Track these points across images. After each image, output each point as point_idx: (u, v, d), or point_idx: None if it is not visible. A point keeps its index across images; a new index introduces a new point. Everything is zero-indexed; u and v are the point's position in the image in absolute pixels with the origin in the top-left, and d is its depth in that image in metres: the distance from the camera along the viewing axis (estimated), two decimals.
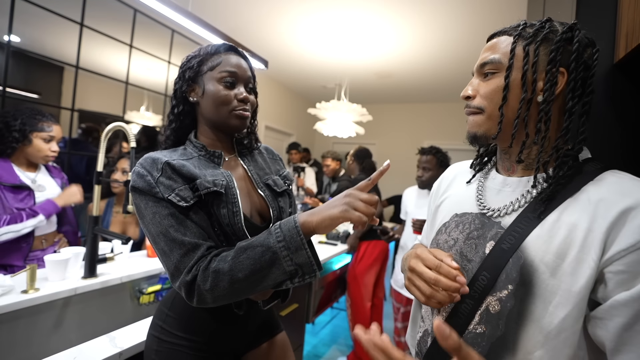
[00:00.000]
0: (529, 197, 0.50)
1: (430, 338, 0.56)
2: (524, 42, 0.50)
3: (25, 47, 1.98)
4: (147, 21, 2.71)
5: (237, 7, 2.69)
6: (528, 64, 0.49)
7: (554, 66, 0.48)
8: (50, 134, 1.40)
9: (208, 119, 0.73)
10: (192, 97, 0.73)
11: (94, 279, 1.16)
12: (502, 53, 0.51)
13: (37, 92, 2.08)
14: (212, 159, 0.73)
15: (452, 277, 0.48)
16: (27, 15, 1.96)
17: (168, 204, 0.61)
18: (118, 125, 1.20)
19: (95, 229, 1.18)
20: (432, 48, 3.17)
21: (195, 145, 0.73)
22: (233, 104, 0.70)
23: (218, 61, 0.71)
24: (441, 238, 0.60)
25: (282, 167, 0.88)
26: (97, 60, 2.38)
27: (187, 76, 0.72)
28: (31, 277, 1.00)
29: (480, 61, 0.54)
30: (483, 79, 0.54)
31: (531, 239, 0.47)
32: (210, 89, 0.70)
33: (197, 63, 0.71)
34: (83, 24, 2.25)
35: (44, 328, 1.02)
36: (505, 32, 0.52)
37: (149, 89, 2.82)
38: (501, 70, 0.51)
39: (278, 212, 0.76)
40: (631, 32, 0.76)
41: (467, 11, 2.46)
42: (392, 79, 4.16)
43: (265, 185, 0.77)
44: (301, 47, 3.41)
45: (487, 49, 0.54)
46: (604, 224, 0.42)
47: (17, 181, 1.33)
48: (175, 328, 0.70)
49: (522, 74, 0.49)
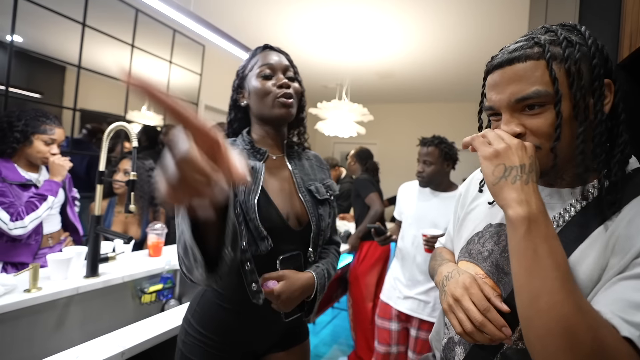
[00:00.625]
0: (573, 211, 0.47)
1: (460, 348, 0.54)
2: (563, 64, 0.43)
3: (27, 46, 1.98)
4: (148, 21, 2.72)
5: (239, 7, 2.69)
6: (578, 88, 0.43)
7: (600, 81, 0.44)
8: (51, 137, 1.41)
9: (256, 115, 0.77)
10: (242, 102, 0.79)
11: (96, 278, 1.16)
12: (542, 83, 0.43)
13: (39, 92, 2.08)
14: (256, 155, 0.75)
15: (499, 325, 0.45)
16: (29, 15, 1.97)
17: None
18: (120, 125, 1.20)
19: (97, 228, 1.18)
20: (433, 48, 3.16)
21: (244, 139, 0.77)
22: (274, 92, 0.73)
23: (255, 61, 0.77)
24: (474, 248, 0.57)
25: (328, 177, 0.87)
26: (99, 60, 2.38)
27: (235, 85, 0.80)
28: (34, 276, 1.00)
29: (515, 97, 0.45)
30: (527, 114, 0.46)
31: (576, 254, 0.44)
32: (253, 85, 0.75)
33: (241, 71, 0.79)
34: (85, 23, 2.25)
35: (46, 327, 1.02)
36: (524, 56, 0.44)
37: None
38: (549, 100, 0.44)
39: (317, 220, 0.76)
40: (635, 32, 0.75)
41: (469, 11, 2.46)
42: (393, 78, 4.15)
43: (307, 190, 0.77)
44: (302, 47, 3.40)
45: (516, 77, 0.45)
46: None
47: (23, 179, 1.35)
48: (199, 324, 0.72)
49: (576, 100, 0.43)
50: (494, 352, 0.49)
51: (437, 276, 0.58)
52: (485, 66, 0.51)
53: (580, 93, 0.43)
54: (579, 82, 0.43)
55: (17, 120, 1.33)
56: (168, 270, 1.36)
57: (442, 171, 1.50)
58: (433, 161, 1.47)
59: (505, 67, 0.46)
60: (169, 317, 0.99)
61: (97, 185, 1.22)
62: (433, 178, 1.48)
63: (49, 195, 1.36)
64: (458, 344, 0.55)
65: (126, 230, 1.75)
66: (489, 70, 0.50)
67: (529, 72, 0.44)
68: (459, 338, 0.55)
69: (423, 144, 1.52)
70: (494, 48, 2.61)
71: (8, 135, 1.32)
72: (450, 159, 1.50)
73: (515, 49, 0.46)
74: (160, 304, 1.34)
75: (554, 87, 0.43)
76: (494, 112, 0.50)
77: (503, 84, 0.46)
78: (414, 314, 1.47)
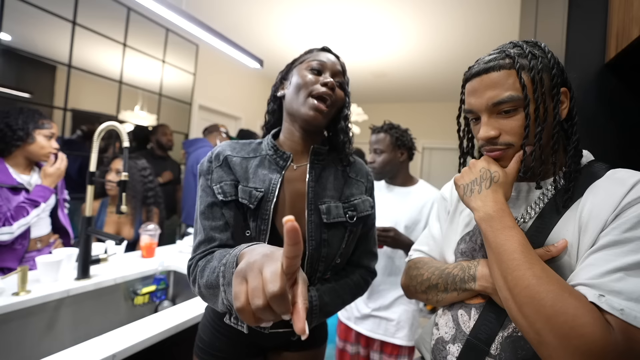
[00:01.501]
0: (542, 202, 0.55)
1: (455, 345, 0.56)
2: (530, 73, 0.51)
3: (16, 45, 1.95)
4: (141, 20, 2.69)
5: (231, 5, 2.67)
6: (540, 93, 0.50)
7: (557, 88, 0.52)
8: (51, 131, 1.41)
9: (287, 109, 0.72)
10: (280, 92, 0.75)
11: (87, 280, 1.15)
12: (514, 89, 0.51)
13: (29, 91, 2.05)
14: (278, 162, 0.70)
15: None
16: (17, 12, 1.93)
17: (211, 192, 0.68)
18: (111, 125, 1.19)
19: (88, 229, 1.17)
20: (427, 47, 3.18)
21: (269, 143, 0.74)
22: (313, 88, 0.66)
23: (310, 54, 0.73)
24: (467, 247, 0.61)
25: (361, 193, 0.75)
26: (90, 59, 2.35)
27: (281, 76, 0.75)
28: (22, 278, 0.99)
29: (493, 99, 0.52)
30: (503, 117, 0.53)
31: (554, 233, 0.51)
32: (297, 75, 0.70)
33: (291, 63, 0.74)
34: (75, 22, 2.22)
35: (35, 331, 1.01)
36: (497, 66, 0.52)
37: (143, 88, 2.79)
38: (520, 105, 0.51)
39: (317, 244, 0.66)
40: (621, 33, 0.77)
41: (462, 13, 2.48)
42: (387, 78, 4.17)
43: (316, 209, 0.68)
44: (296, 46, 3.40)
45: (492, 85, 0.52)
46: (609, 207, 0.46)
47: (15, 182, 1.32)
48: (214, 313, 0.75)
49: (537, 104, 0.51)
50: (489, 342, 0.52)
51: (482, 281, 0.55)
52: (464, 75, 0.58)
53: (542, 98, 0.51)
54: (540, 88, 0.51)
55: (14, 120, 1.31)
56: (161, 272, 1.35)
57: (395, 161, 1.30)
58: (384, 149, 1.29)
59: (482, 75, 0.53)
60: (162, 319, 0.97)
61: (88, 186, 1.21)
62: (385, 168, 1.30)
63: (41, 201, 1.34)
64: (451, 342, 0.57)
65: (119, 231, 1.73)
66: (467, 79, 0.57)
67: (502, 79, 0.52)
68: (450, 336, 0.58)
69: (373, 132, 1.36)
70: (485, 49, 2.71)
71: (9, 135, 1.30)
72: (404, 147, 1.30)
73: (490, 60, 0.53)
74: (154, 306, 1.33)
75: (523, 92, 0.50)
76: (474, 116, 0.57)
77: (481, 90, 0.53)
78: (374, 335, 1.26)
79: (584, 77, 0.90)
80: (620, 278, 0.40)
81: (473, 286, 0.55)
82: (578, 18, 0.90)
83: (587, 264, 0.44)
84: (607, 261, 0.42)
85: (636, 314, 0.38)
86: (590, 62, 0.89)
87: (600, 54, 0.87)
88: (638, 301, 0.39)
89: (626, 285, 0.40)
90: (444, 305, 0.62)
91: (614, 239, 0.43)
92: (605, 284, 0.41)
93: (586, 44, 0.89)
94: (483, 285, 0.53)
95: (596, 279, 0.42)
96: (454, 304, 0.60)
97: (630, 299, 0.39)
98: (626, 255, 0.42)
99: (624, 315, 0.38)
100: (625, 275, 0.40)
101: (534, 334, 0.41)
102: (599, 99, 0.90)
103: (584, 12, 0.89)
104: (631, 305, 0.39)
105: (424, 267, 0.66)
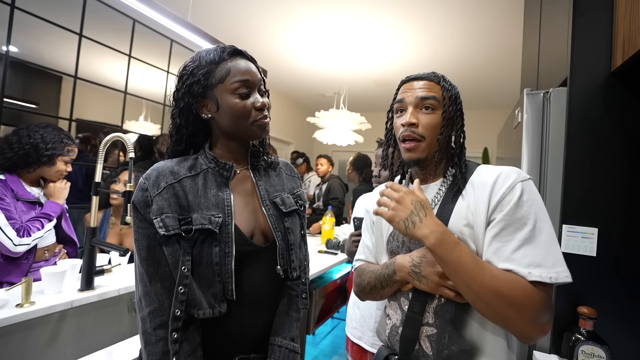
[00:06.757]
0: (440, 195, 0.69)
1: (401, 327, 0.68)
2: (448, 93, 0.68)
3: (23, 57, 1.98)
4: (146, 31, 2.73)
5: (236, 17, 2.72)
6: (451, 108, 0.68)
7: (460, 111, 0.70)
8: (71, 157, 1.46)
9: (226, 132, 0.69)
10: (205, 114, 0.68)
11: (91, 291, 1.14)
12: (438, 94, 0.68)
13: (35, 102, 2.07)
14: (222, 173, 0.69)
15: None
16: (25, 25, 1.97)
17: (150, 226, 0.61)
18: (117, 136, 1.19)
19: (92, 240, 1.16)
20: (429, 56, 3.21)
21: (207, 156, 0.69)
22: (253, 115, 0.66)
23: (226, 70, 0.65)
24: (393, 245, 0.74)
25: (298, 186, 0.83)
26: (95, 70, 2.39)
27: (195, 91, 0.66)
28: (26, 290, 0.98)
29: (422, 94, 0.67)
30: (423, 112, 0.67)
31: (453, 217, 0.64)
32: (226, 103, 0.65)
33: (203, 76, 0.65)
34: (82, 34, 2.26)
35: (38, 343, 0.99)
36: (428, 78, 0.69)
37: (147, 98, 2.82)
38: (437, 107, 0.67)
39: (283, 234, 0.72)
40: (628, 41, 0.77)
41: (464, 23, 2.50)
42: (390, 86, 4.19)
43: (272, 203, 0.73)
44: (300, 56, 3.44)
45: (423, 87, 0.68)
46: (486, 193, 0.61)
47: (32, 197, 1.37)
48: None
49: (449, 115, 0.68)
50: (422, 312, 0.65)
51: (399, 272, 0.67)
52: (401, 81, 0.74)
53: (448, 113, 0.68)
54: (452, 106, 0.68)
55: (43, 144, 1.35)
56: None
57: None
58: None
59: (417, 79, 0.70)
60: None
61: (93, 197, 1.21)
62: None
63: (54, 216, 1.38)
64: (400, 325, 0.68)
65: (122, 242, 1.72)
66: (404, 81, 0.73)
67: (431, 85, 0.69)
68: (399, 321, 0.69)
69: (380, 145, 1.34)
70: (487, 58, 2.73)
71: (34, 157, 1.33)
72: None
73: (424, 74, 0.71)
74: None
75: (443, 100, 0.68)
76: (402, 107, 0.70)
77: (414, 88, 0.69)
78: None
79: (590, 85, 0.90)
80: (524, 254, 0.55)
81: (396, 278, 0.67)
82: (583, 27, 0.91)
83: (504, 251, 0.57)
84: (507, 242, 0.57)
85: (544, 274, 0.53)
86: (596, 71, 0.89)
87: (606, 63, 0.87)
88: (539, 265, 0.54)
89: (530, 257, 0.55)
90: (387, 298, 0.74)
91: (504, 224, 0.58)
92: (518, 260, 0.55)
93: (592, 52, 0.89)
94: (401, 276, 0.66)
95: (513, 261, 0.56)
96: (395, 293, 0.71)
97: (538, 266, 0.54)
98: (514, 233, 0.57)
99: (543, 278, 0.53)
100: (524, 250, 0.55)
101: (501, 317, 0.54)
102: (606, 106, 0.89)
103: (588, 22, 0.90)
104: (540, 270, 0.54)
105: (364, 274, 0.77)
